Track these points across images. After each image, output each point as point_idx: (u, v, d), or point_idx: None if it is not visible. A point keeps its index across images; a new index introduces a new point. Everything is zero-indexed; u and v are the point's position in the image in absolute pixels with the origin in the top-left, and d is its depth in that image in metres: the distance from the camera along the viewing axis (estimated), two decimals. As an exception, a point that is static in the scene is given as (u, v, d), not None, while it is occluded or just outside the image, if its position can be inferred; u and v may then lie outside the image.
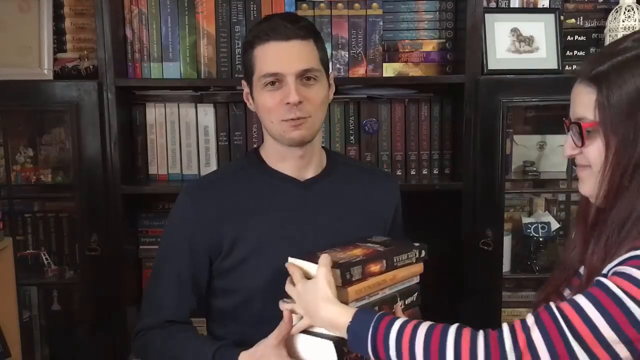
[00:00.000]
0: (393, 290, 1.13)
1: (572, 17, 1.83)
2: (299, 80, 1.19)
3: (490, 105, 1.65)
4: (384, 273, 1.10)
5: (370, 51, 1.75)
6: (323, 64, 1.23)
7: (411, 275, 1.16)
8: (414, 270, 1.16)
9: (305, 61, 1.19)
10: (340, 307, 1.02)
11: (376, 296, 1.10)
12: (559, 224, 1.85)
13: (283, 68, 1.18)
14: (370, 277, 1.08)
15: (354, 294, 1.05)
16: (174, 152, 1.79)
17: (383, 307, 1.09)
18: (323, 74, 1.23)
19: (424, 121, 1.80)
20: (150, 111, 1.78)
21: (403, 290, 1.14)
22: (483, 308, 1.71)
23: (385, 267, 1.10)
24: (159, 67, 1.75)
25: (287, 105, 1.18)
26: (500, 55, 1.74)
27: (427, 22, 1.78)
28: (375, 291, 1.09)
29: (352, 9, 1.74)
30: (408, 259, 1.14)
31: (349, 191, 1.32)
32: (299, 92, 1.18)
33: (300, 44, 1.19)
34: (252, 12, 1.73)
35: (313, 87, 1.21)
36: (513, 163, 1.87)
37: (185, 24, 1.74)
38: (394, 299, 1.12)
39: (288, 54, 1.18)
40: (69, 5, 1.77)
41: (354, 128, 1.80)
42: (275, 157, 1.29)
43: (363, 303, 1.07)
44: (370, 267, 1.08)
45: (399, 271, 1.13)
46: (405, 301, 1.14)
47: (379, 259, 1.10)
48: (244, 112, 1.77)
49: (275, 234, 1.23)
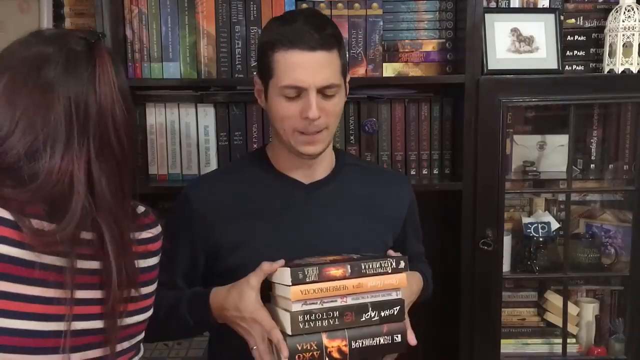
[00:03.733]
0: (363, 300, 1.10)
1: (572, 17, 1.83)
2: (319, 94, 1.16)
3: (490, 105, 1.65)
4: (348, 279, 1.07)
5: (370, 51, 1.75)
6: (343, 72, 1.21)
7: (387, 287, 1.10)
8: (389, 281, 1.10)
9: (329, 76, 1.16)
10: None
11: (334, 302, 1.07)
12: (559, 224, 1.85)
13: (305, 82, 1.14)
14: (329, 281, 1.06)
15: (298, 294, 1.04)
16: (174, 152, 1.79)
17: (346, 314, 1.07)
18: (343, 84, 1.21)
19: (424, 121, 1.80)
20: (150, 111, 1.78)
21: (378, 302, 1.10)
22: (483, 308, 1.71)
23: (350, 273, 1.07)
24: (159, 67, 1.75)
25: (305, 119, 1.16)
26: (500, 55, 1.74)
27: (427, 22, 1.78)
28: (334, 296, 1.07)
29: (352, 9, 1.74)
30: (381, 268, 1.09)
31: (356, 193, 1.30)
32: (319, 106, 1.15)
33: (325, 56, 1.15)
34: (252, 12, 1.73)
35: (333, 99, 1.18)
36: (513, 163, 1.87)
37: (185, 24, 1.74)
38: (362, 308, 1.09)
39: (312, 68, 1.14)
40: (69, 5, 1.77)
41: (354, 128, 1.80)
42: (282, 160, 1.28)
43: (315, 307, 1.06)
44: (329, 270, 1.06)
45: (368, 279, 1.09)
46: (381, 313, 1.10)
47: (343, 263, 1.07)
48: (244, 112, 1.77)
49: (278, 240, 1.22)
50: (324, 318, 1.06)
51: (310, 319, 1.06)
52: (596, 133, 1.89)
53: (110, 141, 0.88)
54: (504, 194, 1.70)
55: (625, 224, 1.85)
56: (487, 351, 1.73)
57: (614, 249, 1.85)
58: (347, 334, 1.08)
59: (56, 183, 0.83)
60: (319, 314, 1.06)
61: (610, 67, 1.74)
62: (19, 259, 0.80)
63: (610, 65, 1.75)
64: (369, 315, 1.09)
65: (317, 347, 1.06)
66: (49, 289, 0.82)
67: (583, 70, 1.84)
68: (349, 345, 1.07)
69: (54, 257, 0.82)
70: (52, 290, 0.82)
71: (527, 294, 1.91)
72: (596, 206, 1.95)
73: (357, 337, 1.08)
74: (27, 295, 0.81)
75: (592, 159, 1.90)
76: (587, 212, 1.93)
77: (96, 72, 0.88)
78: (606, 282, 1.92)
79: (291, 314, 1.05)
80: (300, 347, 1.05)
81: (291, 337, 1.05)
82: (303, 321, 1.05)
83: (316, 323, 1.06)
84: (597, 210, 1.94)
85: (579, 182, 1.88)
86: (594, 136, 1.89)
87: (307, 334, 1.06)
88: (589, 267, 1.83)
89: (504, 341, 1.76)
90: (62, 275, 0.82)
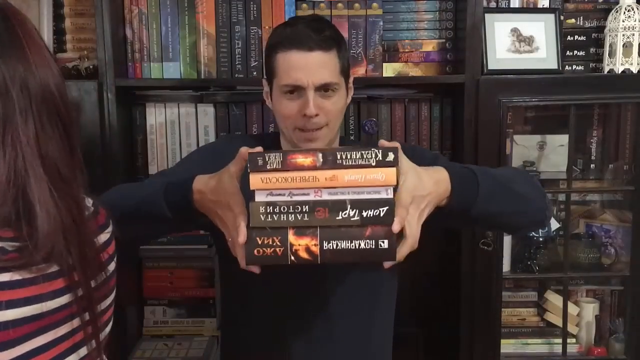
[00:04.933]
0: (342, 196, 0.95)
1: (572, 17, 1.83)
2: (317, 92, 1.20)
3: (490, 105, 1.65)
4: (319, 169, 0.93)
5: (370, 51, 1.75)
6: (343, 72, 1.24)
7: (369, 183, 0.94)
8: (372, 175, 0.94)
9: (325, 75, 1.20)
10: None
11: (306, 196, 0.94)
12: (559, 224, 1.85)
13: (303, 80, 1.19)
14: (295, 170, 0.93)
15: (258, 182, 0.93)
16: (174, 152, 1.79)
17: (318, 210, 0.94)
18: (342, 84, 1.24)
19: (424, 121, 1.80)
20: (150, 111, 1.79)
21: (360, 201, 0.94)
22: (483, 308, 1.71)
23: (322, 163, 0.93)
24: (158, 67, 1.75)
25: (304, 117, 1.19)
26: (500, 55, 1.74)
27: (427, 22, 1.78)
28: (302, 188, 0.94)
29: (352, 9, 1.74)
30: (362, 159, 0.93)
31: None
32: (317, 104, 1.19)
33: (323, 55, 1.20)
34: (252, 12, 1.73)
35: (331, 98, 1.22)
36: (513, 163, 1.87)
37: (185, 24, 1.74)
38: (339, 205, 0.94)
39: (309, 67, 1.19)
40: (69, 5, 1.77)
41: (354, 128, 1.80)
42: (287, 145, 1.31)
43: (282, 199, 0.94)
44: (295, 157, 0.93)
45: (344, 172, 0.93)
46: (363, 213, 0.94)
47: (312, 151, 0.94)
48: (244, 112, 1.77)
49: None
50: (291, 212, 0.94)
51: (273, 212, 0.94)
52: (596, 133, 1.89)
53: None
54: (504, 194, 1.70)
55: (625, 224, 1.85)
56: (487, 351, 1.73)
57: (614, 249, 1.85)
58: (319, 233, 0.94)
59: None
60: (284, 207, 0.94)
61: (610, 67, 1.74)
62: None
63: (610, 65, 1.75)
64: (346, 214, 0.94)
65: (280, 243, 0.94)
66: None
67: (583, 70, 1.84)
68: (319, 245, 0.94)
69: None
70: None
71: (527, 294, 1.90)
72: (596, 206, 1.95)
73: (331, 238, 0.94)
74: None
75: (592, 159, 1.90)
76: (587, 212, 1.93)
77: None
78: (606, 282, 1.92)
79: (251, 204, 0.95)
80: (260, 240, 0.94)
81: (251, 229, 0.95)
82: (265, 213, 0.94)
83: (281, 216, 0.94)
84: (597, 210, 1.94)
85: (579, 182, 1.88)
86: (594, 136, 1.89)
87: (270, 227, 0.94)
88: (589, 267, 1.83)
89: (504, 341, 1.76)
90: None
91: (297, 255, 0.94)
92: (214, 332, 1.87)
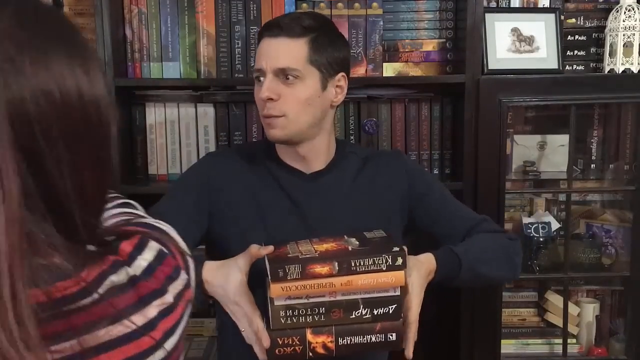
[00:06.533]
0: (354, 296, 1.03)
1: (573, 17, 1.83)
2: (278, 78, 1.20)
3: (490, 105, 1.65)
4: (335, 276, 1.01)
5: (370, 51, 1.75)
6: (315, 64, 1.21)
7: (380, 286, 1.03)
8: (383, 279, 1.03)
9: (284, 60, 1.19)
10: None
11: (321, 298, 1.02)
12: (559, 224, 1.85)
13: (262, 64, 1.21)
14: (313, 279, 1.00)
15: (278, 290, 1.00)
16: (174, 152, 1.79)
17: (334, 311, 1.02)
18: (312, 74, 1.21)
19: (424, 121, 1.80)
20: (150, 111, 1.78)
21: (371, 300, 1.03)
22: (483, 308, 1.71)
23: (338, 270, 1.01)
24: (158, 67, 1.75)
25: (263, 101, 1.21)
26: (501, 55, 1.74)
27: (427, 22, 1.77)
28: (320, 293, 1.02)
29: (352, 9, 1.74)
30: (374, 265, 1.02)
31: (355, 181, 1.32)
32: (272, 88, 1.19)
33: (287, 41, 1.20)
34: (252, 12, 1.72)
35: (293, 86, 1.20)
36: (513, 163, 1.87)
37: (185, 23, 1.74)
38: (352, 305, 1.03)
39: (270, 51, 1.21)
40: (68, 5, 1.76)
41: (354, 128, 1.80)
42: (281, 151, 1.31)
43: (300, 302, 1.01)
44: (314, 267, 1.00)
45: (358, 277, 1.02)
46: (374, 311, 1.03)
47: (329, 260, 1.01)
48: (244, 112, 1.77)
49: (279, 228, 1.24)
50: (309, 314, 1.02)
51: (293, 315, 1.01)
52: (596, 133, 1.89)
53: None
54: (505, 194, 1.70)
55: (625, 224, 1.85)
56: (487, 351, 1.73)
57: (615, 249, 1.85)
58: (334, 330, 1.03)
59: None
60: (302, 310, 1.01)
61: (611, 67, 1.74)
62: None
63: (610, 65, 1.74)
64: (359, 313, 1.03)
65: (299, 342, 1.02)
66: None
67: (583, 70, 1.84)
68: (335, 342, 1.03)
69: None
70: None
71: (527, 294, 1.90)
72: (596, 206, 1.95)
73: (345, 334, 1.03)
74: None
75: (592, 159, 1.90)
76: (587, 212, 1.93)
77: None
78: (606, 282, 1.92)
79: (272, 309, 1.02)
80: (281, 341, 1.02)
81: (272, 330, 1.02)
82: (285, 316, 1.01)
83: (300, 319, 1.02)
84: (598, 210, 1.94)
85: (579, 182, 1.88)
86: (594, 136, 1.89)
87: (290, 328, 1.02)
88: (589, 267, 1.82)
89: (504, 341, 1.76)
90: None
91: (314, 352, 1.03)
92: (214, 332, 1.86)
